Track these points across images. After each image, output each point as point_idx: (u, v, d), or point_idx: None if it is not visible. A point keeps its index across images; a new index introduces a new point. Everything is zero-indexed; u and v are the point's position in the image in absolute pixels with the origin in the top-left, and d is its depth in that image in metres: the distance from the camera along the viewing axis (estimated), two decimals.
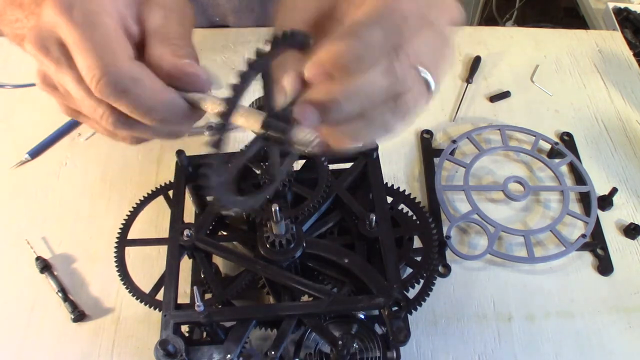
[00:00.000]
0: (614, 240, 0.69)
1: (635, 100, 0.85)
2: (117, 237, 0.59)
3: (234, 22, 0.95)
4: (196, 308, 0.47)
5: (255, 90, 0.37)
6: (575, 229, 0.70)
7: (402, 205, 0.60)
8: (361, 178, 0.59)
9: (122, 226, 0.60)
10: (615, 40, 0.94)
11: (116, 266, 0.57)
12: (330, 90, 0.33)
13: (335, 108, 0.33)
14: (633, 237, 0.69)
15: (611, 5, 1.06)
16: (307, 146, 0.33)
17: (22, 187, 0.73)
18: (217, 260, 0.61)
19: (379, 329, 0.52)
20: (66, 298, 0.63)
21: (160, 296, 0.52)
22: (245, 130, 0.78)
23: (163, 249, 0.54)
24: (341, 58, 0.32)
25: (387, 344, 0.50)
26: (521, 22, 1.71)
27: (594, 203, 0.71)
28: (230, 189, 0.34)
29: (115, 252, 0.57)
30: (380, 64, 0.33)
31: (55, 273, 0.65)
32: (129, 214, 0.61)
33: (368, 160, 0.58)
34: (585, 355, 0.60)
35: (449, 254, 0.67)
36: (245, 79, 0.32)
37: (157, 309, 0.54)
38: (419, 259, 0.56)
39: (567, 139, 0.79)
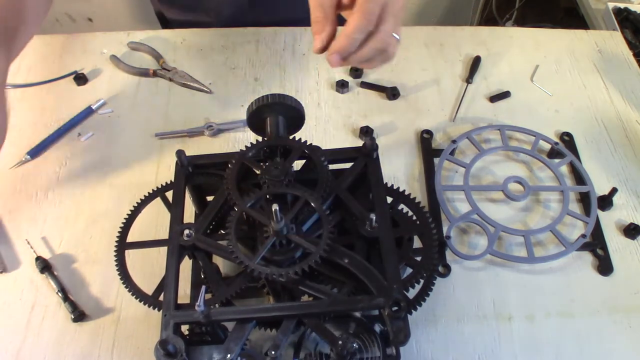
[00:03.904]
0: (614, 240, 0.69)
1: (635, 100, 0.85)
2: (117, 239, 0.59)
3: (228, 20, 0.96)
4: (196, 308, 0.47)
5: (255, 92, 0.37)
6: (575, 229, 0.70)
7: (402, 205, 0.60)
8: (361, 178, 0.59)
9: (121, 228, 0.60)
10: (615, 40, 0.94)
11: (117, 269, 0.57)
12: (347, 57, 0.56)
13: (351, 62, 0.57)
14: (633, 237, 0.69)
15: (611, 5, 1.06)
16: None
17: (22, 187, 0.73)
18: (217, 260, 0.61)
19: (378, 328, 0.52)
20: (66, 298, 0.63)
21: (162, 297, 0.52)
22: (246, 131, 0.79)
23: (163, 248, 0.54)
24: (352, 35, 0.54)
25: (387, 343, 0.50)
26: (521, 22, 1.71)
27: (594, 203, 0.71)
28: None
29: (115, 255, 0.57)
30: (374, 36, 0.54)
31: (55, 273, 0.65)
32: (128, 214, 0.61)
33: (368, 160, 0.59)
34: (585, 355, 0.61)
35: (449, 254, 0.67)
36: None
37: (158, 309, 0.54)
38: (419, 259, 0.56)
39: (567, 139, 0.79)
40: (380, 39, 0.55)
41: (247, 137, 0.78)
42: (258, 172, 0.55)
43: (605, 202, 0.72)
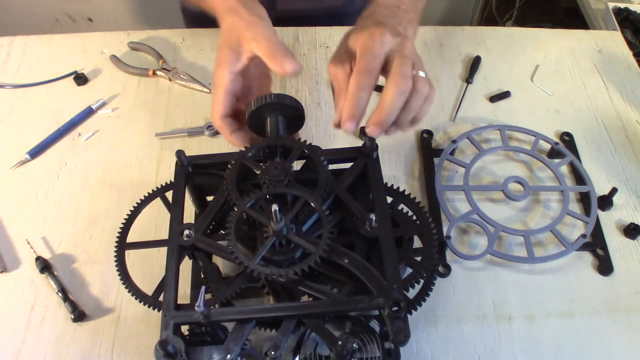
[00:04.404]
0: (614, 240, 0.69)
1: (635, 100, 0.85)
2: (117, 240, 0.59)
3: None
4: (196, 308, 0.47)
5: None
6: (575, 229, 0.70)
7: (402, 205, 0.60)
8: (361, 178, 0.59)
9: (121, 228, 0.59)
10: (615, 40, 0.94)
11: (117, 269, 0.57)
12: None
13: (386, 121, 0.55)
14: (633, 237, 0.69)
15: (611, 5, 1.06)
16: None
17: (22, 187, 0.73)
18: (217, 260, 0.61)
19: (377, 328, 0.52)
20: (66, 298, 0.63)
21: (162, 297, 0.52)
22: None
23: (163, 248, 0.54)
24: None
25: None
26: (521, 22, 1.71)
27: (594, 203, 0.71)
28: None
29: (115, 255, 0.57)
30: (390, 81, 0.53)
31: (55, 273, 0.65)
32: (128, 214, 0.61)
33: (368, 160, 0.58)
34: (585, 355, 0.60)
35: (449, 254, 0.67)
36: None
37: (158, 309, 0.54)
38: (419, 259, 0.56)
39: (567, 139, 0.79)
40: (399, 82, 0.53)
41: None
42: (258, 172, 0.55)
43: (605, 202, 0.72)
